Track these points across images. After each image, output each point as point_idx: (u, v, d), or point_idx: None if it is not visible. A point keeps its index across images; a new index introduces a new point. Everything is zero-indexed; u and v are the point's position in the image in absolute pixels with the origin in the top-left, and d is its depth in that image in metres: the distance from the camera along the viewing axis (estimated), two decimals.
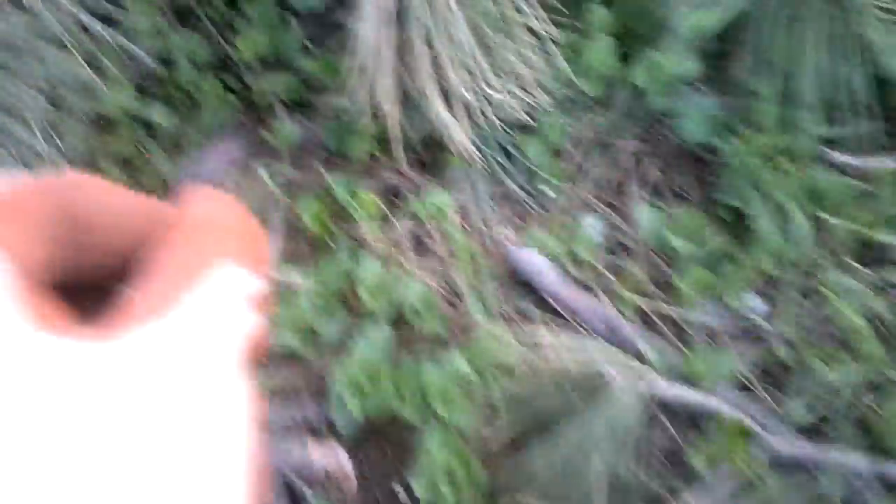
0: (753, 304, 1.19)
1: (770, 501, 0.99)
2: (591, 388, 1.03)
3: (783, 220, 1.21)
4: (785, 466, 1.03)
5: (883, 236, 1.14)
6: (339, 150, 1.37)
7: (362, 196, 1.30)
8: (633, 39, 1.38)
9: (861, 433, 1.05)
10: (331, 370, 1.11)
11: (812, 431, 1.07)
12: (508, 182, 1.36)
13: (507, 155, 1.36)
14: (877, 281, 1.17)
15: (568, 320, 1.21)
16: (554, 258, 1.25)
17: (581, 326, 1.20)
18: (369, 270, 1.19)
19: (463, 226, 1.33)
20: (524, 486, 1.01)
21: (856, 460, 1.00)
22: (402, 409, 1.06)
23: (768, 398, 1.09)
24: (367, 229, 1.28)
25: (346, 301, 1.20)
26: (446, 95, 1.25)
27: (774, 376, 1.14)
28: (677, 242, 1.20)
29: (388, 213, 1.32)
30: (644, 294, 1.22)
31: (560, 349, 1.05)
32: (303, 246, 1.29)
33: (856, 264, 1.17)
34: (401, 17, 1.18)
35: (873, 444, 1.02)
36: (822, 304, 1.17)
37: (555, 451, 1.02)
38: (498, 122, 1.27)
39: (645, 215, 1.25)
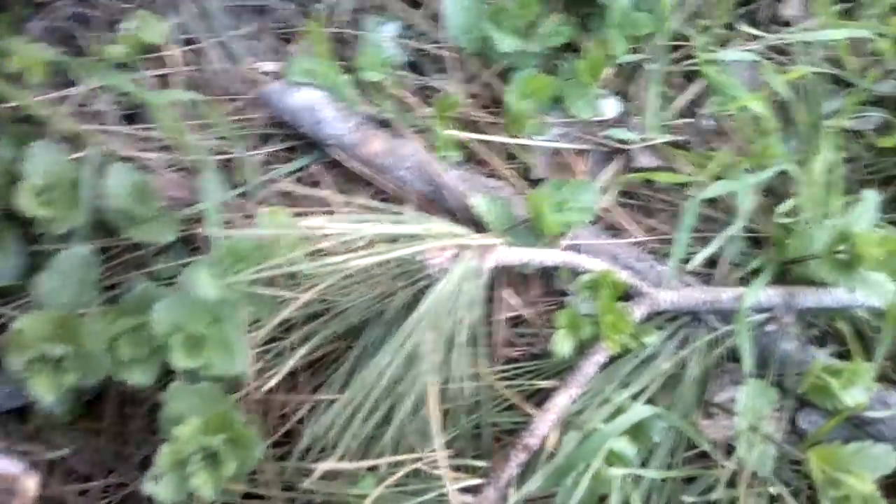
0: (609, 109, 0.85)
1: (657, 372, 0.70)
2: (409, 279, 0.68)
3: None
4: (674, 320, 0.75)
5: None
6: None
7: (24, 49, 0.82)
8: None
9: (765, 254, 0.77)
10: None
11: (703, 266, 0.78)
12: None
13: None
14: (763, 50, 0.85)
15: (373, 181, 0.83)
16: (335, 91, 0.84)
17: (390, 186, 0.82)
18: (45, 161, 0.75)
19: (193, 63, 0.89)
20: (329, 439, 0.67)
21: (768, 296, 0.73)
22: (121, 370, 0.67)
23: (645, 237, 0.78)
24: (40, 106, 0.82)
25: (21, 223, 0.76)
26: None
27: (647, 203, 0.83)
28: (502, 40, 0.82)
29: (67, 63, 0.85)
30: (468, 123, 0.85)
31: (359, 231, 0.68)
32: None
33: (739, 29, 0.84)
34: None
35: (783, 273, 0.74)
36: (701, 95, 0.85)
37: (369, 376, 0.68)
38: None
39: (456, 7, 0.85)
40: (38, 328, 0.68)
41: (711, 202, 0.78)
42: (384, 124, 0.85)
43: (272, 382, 0.67)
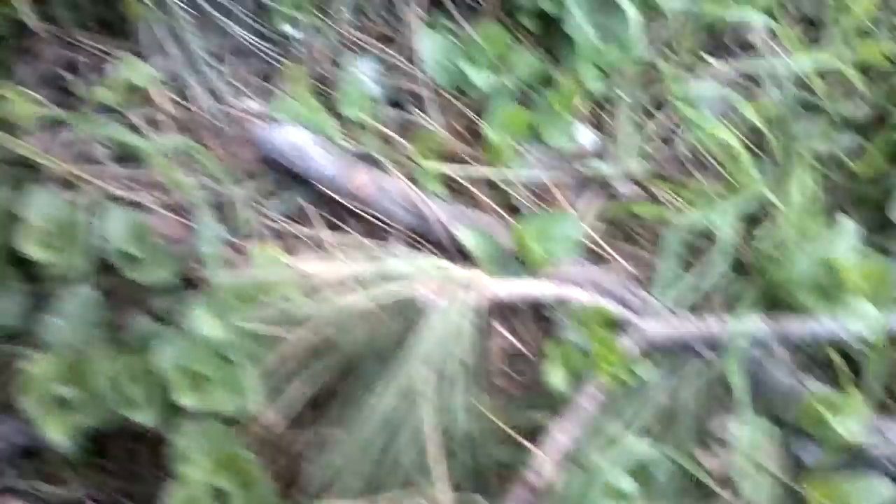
0: (584, 139, 0.90)
1: (651, 403, 0.75)
2: (402, 315, 0.72)
3: (603, 14, 0.90)
4: (664, 351, 0.80)
5: (732, 15, 0.86)
6: None
7: (13, 94, 0.84)
8: None
9: (748, 281, 0.82)
10: (14, 373, 0.72)
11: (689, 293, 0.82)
12: (234, 29, 0.94)
13: None
14: (732, 75, 0.90)
15: (355, 213, 0.87)
16: (319, 128, 0.88)
17: (374, 218, 0.86)
18: (43, 204, 0.78)
19: (180, 105, 0.92)
20: (330, 477, 0.71)
21: (756, 325, 0.76)
22: (128, 409, 0.70)
23: (629, 267, 0.83)
24: (33, 142, 0.84)
25: (19, 262, 0.79)
26: None
27: (628, 230, 0.88)
28: (476, 74, 0.87)
29: (58, 110, 0.88)
30: (448, 156, 0.89)
31: (350, 267, 0.71)
32: None
33: (707, 58, 0.90)
34: None
35: (767, 300, 0.79)
36: (671, 122, 0.90)
37: (367, 413, 0.71)
38: None
39: (428, 44, 0.90)
40: (46, 369, 0.70)
41: (693, 230, 0.82)
42: (368, 159, 0.88)
43: (278, 420, 0.71)
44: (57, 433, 0.68)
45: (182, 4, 0.88)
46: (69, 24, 0.92)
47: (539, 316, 0.82)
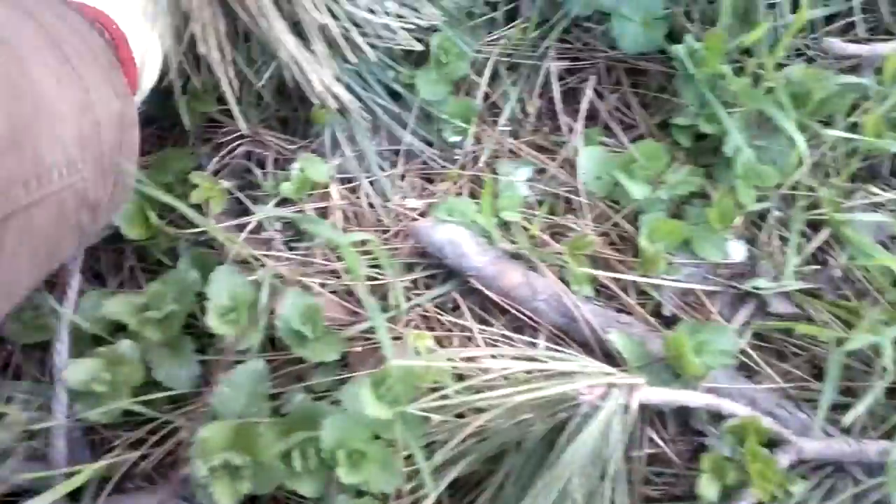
0: (737, 253, 0.91)
1: None
2: (550, 412, 0.74)
3: (761, 136, 0.93)
4: (817, 471, 0.77)
5: (893, 146, 0.87)
6: (157, 119, 1.00)
7: (204, 182, 0.94)
8: None
9: None
10: (185, 438, 0.78)
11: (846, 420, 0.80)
12: (399, 131, 1.02)
13: (392, 95, 1.02)
14: (890, 203, 0.90)
15: (509, 310, 0.90)
16: (475, 227, 0.93)
17: (524, 316, 0.89)
18: (226, 282, 0.85)
19: (350, 199, 0.99)
20: None
21: None
22: (292, 481, 0.74)
23: (782, 383, 0.82)
24: (213, 226, 0.93)
25: (196, 333, 0.86)
26: (295, 22, 0.89)
27: (781, 347, 0.87)
28: (632, 187, 0.90)
29: (241, 197, 0.97)
30: (600, 261, 0.92)
31: (503, 362, 0.74)
32: (131, 263, 0.93)
33: (863, 187, 0.90)
34: None
35: None
36: (827, 244, 0.90)
37: None
38: (373, 51, 0.93)
39: (587, 155, 0.94)
40: (218, 437, 0.75)
41: (850, 352, 0.82)
42: (521, 259, 0.92)
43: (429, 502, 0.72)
44: (226, 499, 0.72)
45: (357, 108, 0.97)
46: (255, 122, 1.03)
47: (688, 426, 0.82)
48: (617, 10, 1.01)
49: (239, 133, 1.00)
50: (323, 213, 0.98)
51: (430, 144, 1.04)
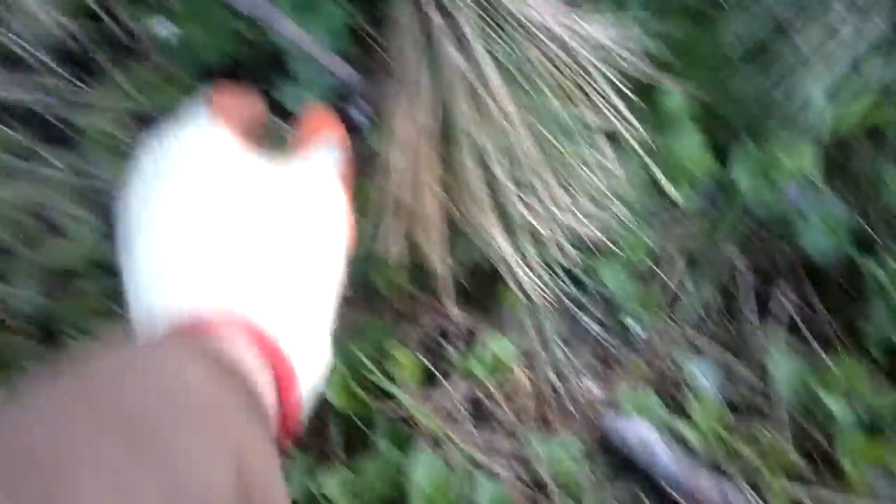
0: None
1: None
2: None
3: None
4: None
5: None
6: (364, 292, 1.06)
7: (400, 355, 0.98)
8: (723, 131, 1.10)
9: None
10: None
11: None
12: (584, 319, 1.05)
13: (579, 284, 1.06)
14: None
15: None
16: (664, 426, 0.93)
17: None
18: (424, 465, 0.87)
19: (530, 378, 1.01)
20: None
21: None
22: None
23: None
24: (410, 401, 0.96)
25: None
26: (502, 217, 0.95)
27: None
28: (832, 403, 0.89)
29: (435, 371, 1.01)
30: (794, 475, 0.90)
31: None
32: (330, 433, 0.96)
33: None
34: (446, 130, 0.89)
35: None
36: None
37: None
38: (564, 242, 0.97)
39: (783, 364, 0.95)
40: None
41: None
42: (711, 467, 0.91)
43: None
44: None
45: (545, 294, 1.01)
46: (440, 296, 1.07)
47: None
48: (805, 214, 1.03)
49: (433, 307, 1.04)
50: (508, 396, 1.00)
51: (608, 330, 1.06)
